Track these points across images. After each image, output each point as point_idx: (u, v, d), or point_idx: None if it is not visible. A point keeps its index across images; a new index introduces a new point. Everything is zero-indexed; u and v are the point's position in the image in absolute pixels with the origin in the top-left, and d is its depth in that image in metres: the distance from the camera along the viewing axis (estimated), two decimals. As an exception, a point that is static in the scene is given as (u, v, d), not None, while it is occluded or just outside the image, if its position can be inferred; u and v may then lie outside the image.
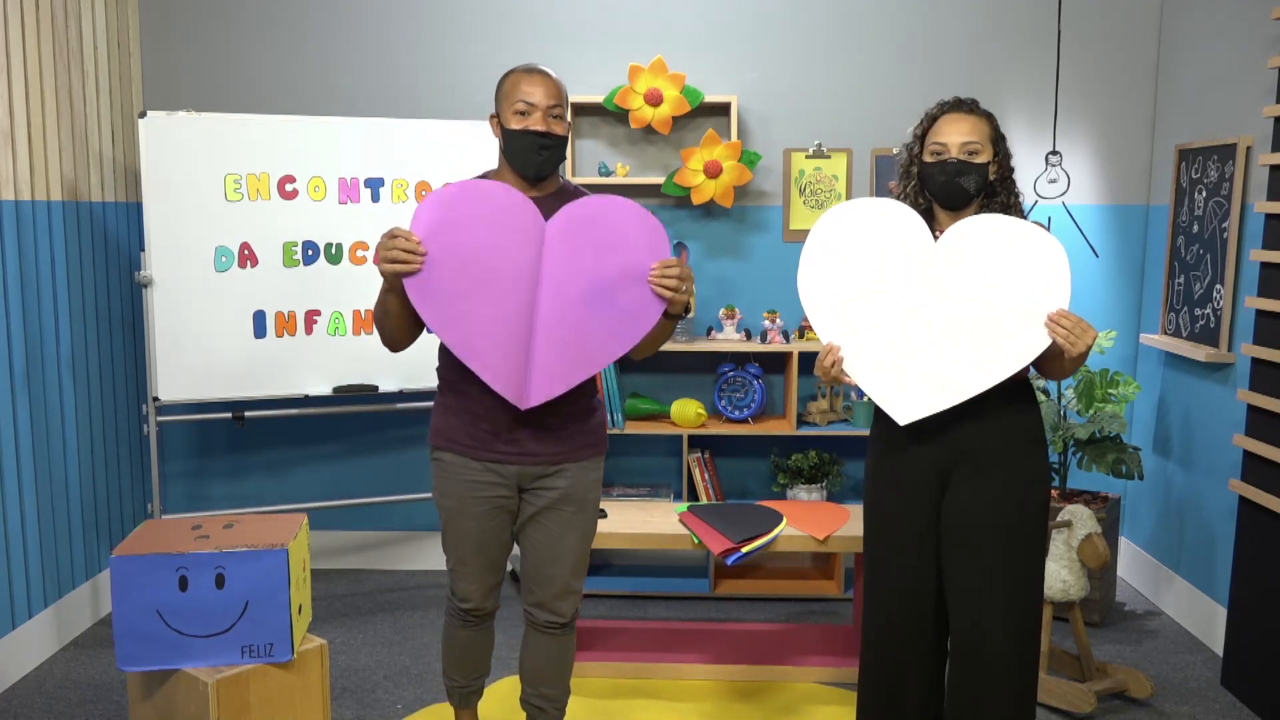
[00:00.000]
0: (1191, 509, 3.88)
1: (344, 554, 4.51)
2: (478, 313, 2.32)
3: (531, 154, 2.39)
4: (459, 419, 2.51)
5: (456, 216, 2.31)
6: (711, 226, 4.31)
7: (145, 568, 2.40)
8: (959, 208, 2.43)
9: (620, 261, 2.34)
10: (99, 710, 3.25)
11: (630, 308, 2.36)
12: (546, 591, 2.59)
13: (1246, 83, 3.55)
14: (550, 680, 2.71)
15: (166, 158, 3.60)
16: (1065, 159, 4.17)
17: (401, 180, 3.83)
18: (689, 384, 4.38)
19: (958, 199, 2.41)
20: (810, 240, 2.45)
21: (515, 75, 2.44)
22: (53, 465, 3.66)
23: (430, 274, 2.29)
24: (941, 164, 2.39)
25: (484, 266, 2.31)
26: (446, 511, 2.57)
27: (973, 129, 2.39)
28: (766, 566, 4.19)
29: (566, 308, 2.35)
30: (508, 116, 2.41)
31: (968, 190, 2.39)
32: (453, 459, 2.52)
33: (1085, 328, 2.25)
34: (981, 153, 2.39)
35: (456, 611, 2.69)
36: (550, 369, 2.36)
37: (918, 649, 2.54)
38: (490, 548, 2.58)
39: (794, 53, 4.24)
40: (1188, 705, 3.31)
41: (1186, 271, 3.91)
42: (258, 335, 3.74)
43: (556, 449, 2.50)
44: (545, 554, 2.56)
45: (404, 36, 4.25)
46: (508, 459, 2.49)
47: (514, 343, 2.34)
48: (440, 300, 2.31)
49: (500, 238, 2.32)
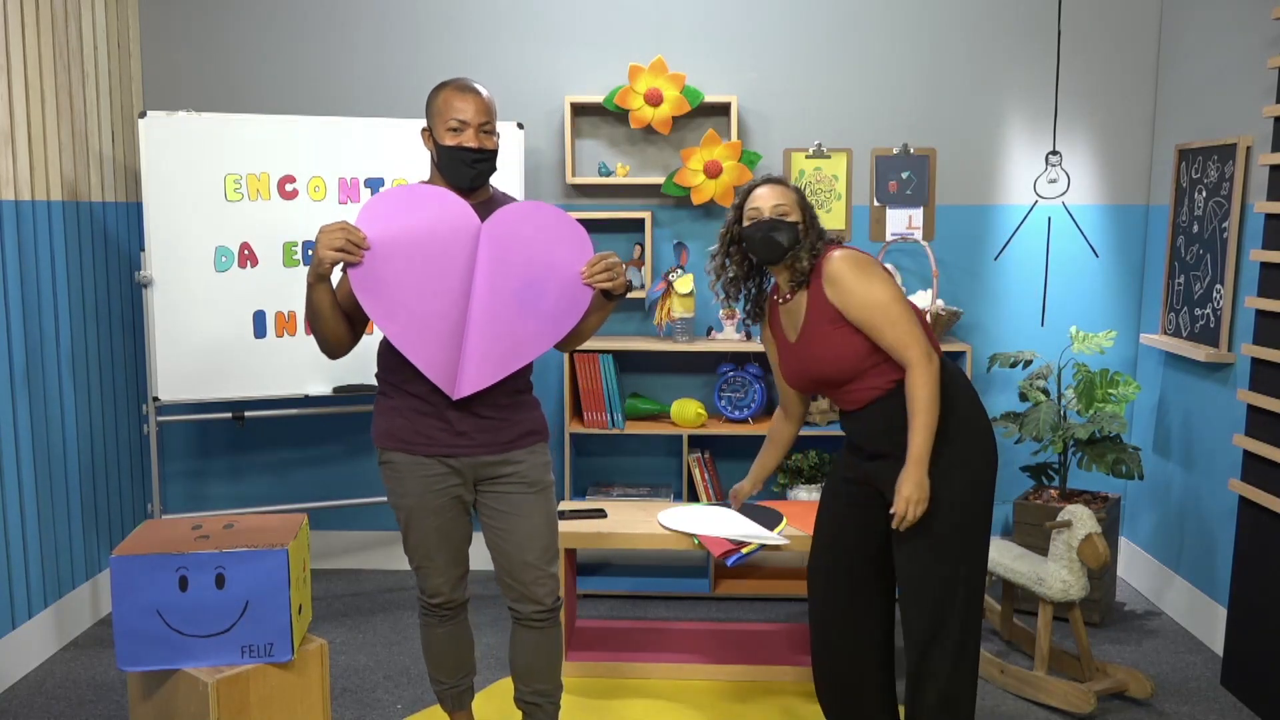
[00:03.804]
0: (1191, 509, 3.88)
1: (344, 554, 4.51)
2: (415, 305, 2.45)
3: (464, 168, 2.52)
4: (405, 418, 2.60)
5: (399, 215, 2.46)
6: (711, 226, 4.31)
7: (145, 568, 2.40)
8: (775, 259, 2.66)
9: (548, 261, 2.51)
10: (99, 710, 3.25)
11: (558, 304, 2.53)
12: (522, 579, 2.65)
13: (1246, 83, 3.55)
14: (542, 675, 2.75)
15: (166, 158, 3.60)
16: (1065, 159, 4.17)
17: (401, 180, 3.83)
18: (689, 384, 4.38)
19: (773, 251, 2.64)
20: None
21: (447, 92, 2.53)
22: (53, 465, 3.66)
23: (373, 266, 2.43)
24: (756, 224, 2.66)
25: (423, 262, 2.46)
26: (406, 511, 2.64)
27: (781, 195, 2.67)
28: (766, 566, 4.19)
29: (498, 303, 2.49)
30: (441, 133, 2.52)
31: (781, 243, 2.63)
32: (404, 459, 2.61)
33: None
34: (790, 214, 2.65)
35: (430, 609, 2.74)
36: (481, 361, 2.49)
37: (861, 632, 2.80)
38: (453, 539, 2.67)
39: (794, 53, 4.24)
40: (1188, 705, 3.31)
41: (1186, 271, 3.91)
42: (258, 335, 3.74)
43: (503, 438, 2.61)
44: (513, 542, 2.63)
45: (403, 36, 4.24)
46: (458, 451, 2.59)
47: (449, 335, 2.48)
48: (381, 291, 2.45)
49: (438, 236, 2.47)
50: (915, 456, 2.49)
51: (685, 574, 4.16)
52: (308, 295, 2.50)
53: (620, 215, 4.18)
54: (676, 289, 4.12)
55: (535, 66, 4.22)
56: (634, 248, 4.27)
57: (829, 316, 2.60)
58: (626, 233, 4.27)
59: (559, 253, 2.51)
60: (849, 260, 2.58)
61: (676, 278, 4.13)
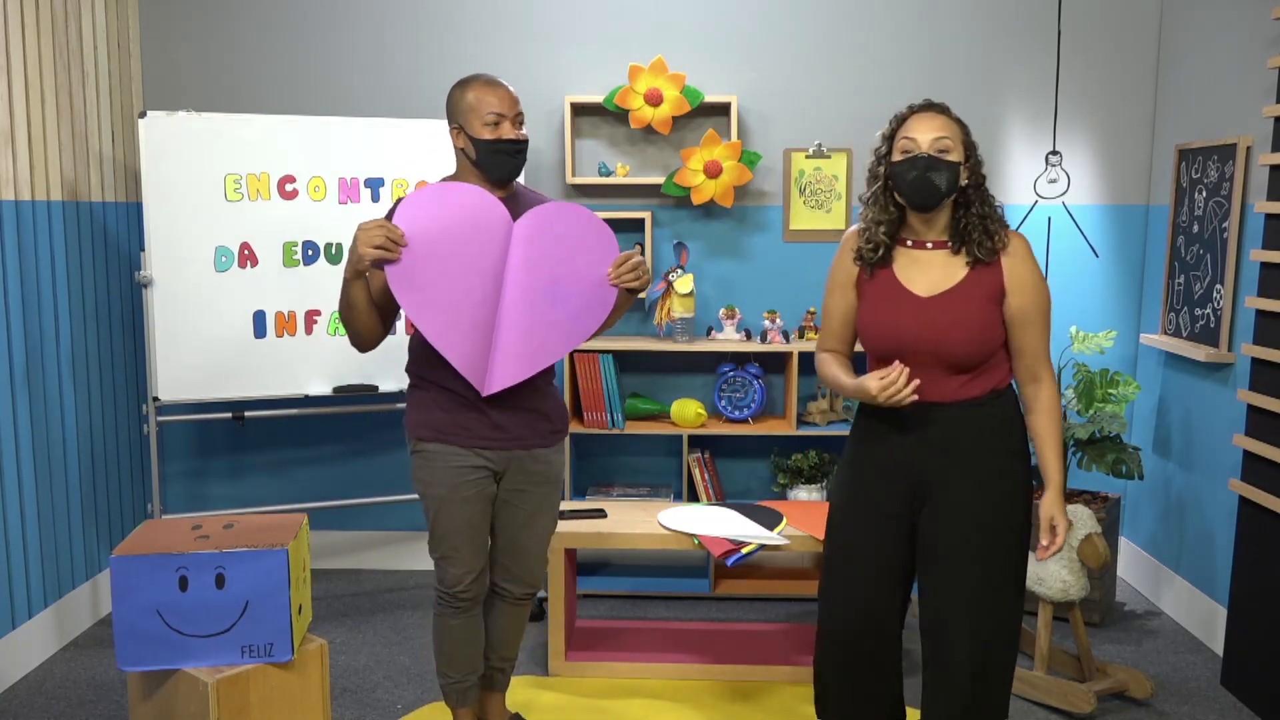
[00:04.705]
0: (1191, 509, 3.88)
1: (344, 554, 4.51)
2: (449, 301, 2.51)
3: (508, 159, 2.60)
4: (444, 410, 2.66)
5: (434, 212, 2.50)
6: (711, 226, 4.31)
7: (145, 568, 2.40)
8: (930, 207, 2.34)
9: (576, 260, 2.57)
10: (99, 710, 3.25)
11: (585, 303, 2.59)
12: (522, 564, 2.82)
13: (1246, 83, 3.55)
14: (511, 646, 2.95)
15: (166, 158, 3.60)
16: (1065, 159, 4.17)
17: (401, 180, 3.83)
18: (689, 384, 4.38)
19: (929, 197, 2.31)
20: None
21: (477, 88, 2.59)
22: (53, 465, 3.66)
23: (410, 263, 2.47)
24: (911, 160, 2.30)
25: (457, 259, 2.50)
26: (436, 501, 2.68)
27: (943, 126, 2.32)
28: (766, 566, 4.19)
29: (528, 301, 2.55)
30: (477, 128, 2.58)
31: (939, 187, 2.29)
32: (440, 449, 2.66)
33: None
34: (953, 151, 2.31)
35: (449, 599, 2.76)
36: (511, 357, 2.56)
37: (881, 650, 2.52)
38: (480, 531, 2.73)
39: (794, 53, 4.24)
40: (1188, 705, 3.31)
41: (1186, 271, 3.91)
42: (258, 335, 3.74)
43: (538, 432, 2.72)
44: (524, 530, 2.78)
45: (403, 37, 4.24)
46: (494, 444, 2.66)
47: (481, 332, 2.54)
48: (417, 287, 2.49)
49: (473, 234, 2.52)
50: (1060, 482, 2.38)
51: (685, 574, 4.16)
52: (344, 290, 2.55)
53: (620, 215, 4.18)
54: (676, 289, 4.12)
55: (535, 66, 4.22)
56: (634, 248, 4.26)
57: (992, 292, 2.35)
58: (627, 233, 4.27)
59: (587, 252, 2.57)
60: (1029, 245, 2.39)
61: (676, 278, 4.13)
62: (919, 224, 2.40)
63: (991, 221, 2.38)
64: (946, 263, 2.39)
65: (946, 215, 2.39)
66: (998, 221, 2.40)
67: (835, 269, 2.52)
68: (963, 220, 2.38)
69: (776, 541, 3.33)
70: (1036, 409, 2.43)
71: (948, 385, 2.38)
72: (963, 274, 2.37)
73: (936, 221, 2.39)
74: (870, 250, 2.42)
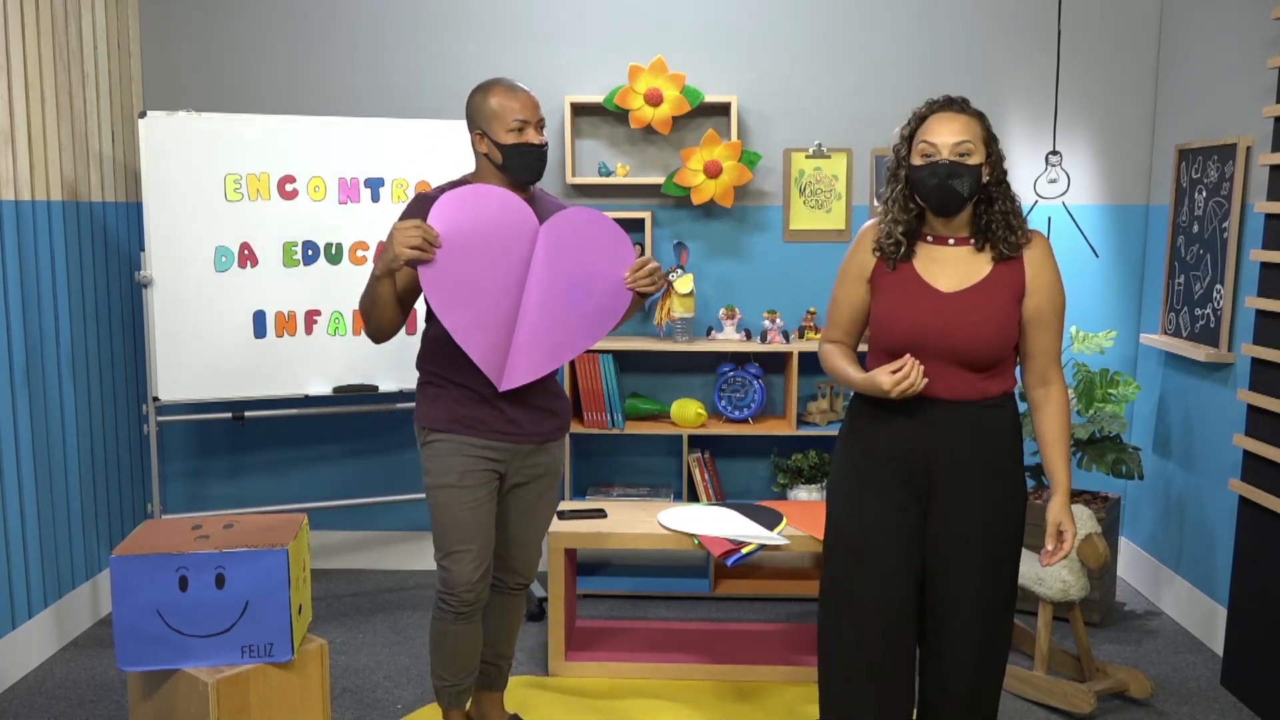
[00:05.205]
0: (1191, 509, 3.88)
1: (344, 554, 4.51)
2: (476, 300, 2.56)
3: (534, 163, 2.66)
4: (459, 404, 2.69)
5: (467, 214, 2.55)
6: (711, 226, 4.31)
7: (145, 568, 2.40)
8: (952, 213, 2.33)
9: (594, 264, 2.65)
10: (99, 710, 3.25)
11: (601, 305, 2.66)
12: (520, 556, 2.88)
13: (1246, 83, 3.55)
14: (506, 640, 2.97)
15: (166, 158, 3.60)
16: (1065, 159, 4.17)
17: (401, 180, 3.83)
18: (689, 384, 4.38)
19: (951, 203, 2.31)
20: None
21: (500, 94, 2.62)
22: (53, 465, 3.66)
23: (442, 264, 2.52)
24: (932, 166, 2.29)
25: (486, 260, 2.57)
26: (445, 492, 2.68)
27: (964, 128, 2.30)
28: (766, 566, 4.19)
29: (548, 302, 2.62)
30: (501, 134, 2.62)
31: (961, 194, 2.29)
32: (452, 439, 2.69)
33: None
34: (974, 154, 2.30)
35: (452, 602, 2.73)
36: (529, 355, 2.62)
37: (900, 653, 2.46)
38: (485, 525, 2.73)
39: (794, 53, 4.24)
40: (1188, 705, 3.31)
41: (1186, 271, 3.91)
42: (258, 335, 3.74)
43: (545, 428, 2.78)
44: (525, 523, 2.85)
45: (403, 37, 4.25)
46: (507, 437, 2.71)
47: (502, 330, 2.59)
48: (447, 286, 2.54)
49: (501, 236, 2.58)
50: (1068, 487, 2.36)
51: (685, 574, 4.16)
52: (372, 286, 2.58)
53: (620, 215, 4.18)
54: (676, 289, 4.12)
55: (535, 66, 4.22)
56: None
57: (1013, 290, 2.34)
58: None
59: (605, 256, 2.66)
60: (1050, 245, 2.38)
61: (676, 278, 4.13)
62: (939, 222, 2.39)
63: (1014, 217, 2.37)
64: (970, 259, 2.37)
65: (968, 212, 2.38)
66: (1019, 217, 2.39)
67: (849, 261, 2.49)
68: (985, 217, 2.37)
69: (776, 541, 3.33)
70: (1046, 412, 2.41)
71: (960, 383, 2.35)
72: (987, 270, 2.36)
73: (958, 219, 2.38)
74: (891, 246, 2.40)
